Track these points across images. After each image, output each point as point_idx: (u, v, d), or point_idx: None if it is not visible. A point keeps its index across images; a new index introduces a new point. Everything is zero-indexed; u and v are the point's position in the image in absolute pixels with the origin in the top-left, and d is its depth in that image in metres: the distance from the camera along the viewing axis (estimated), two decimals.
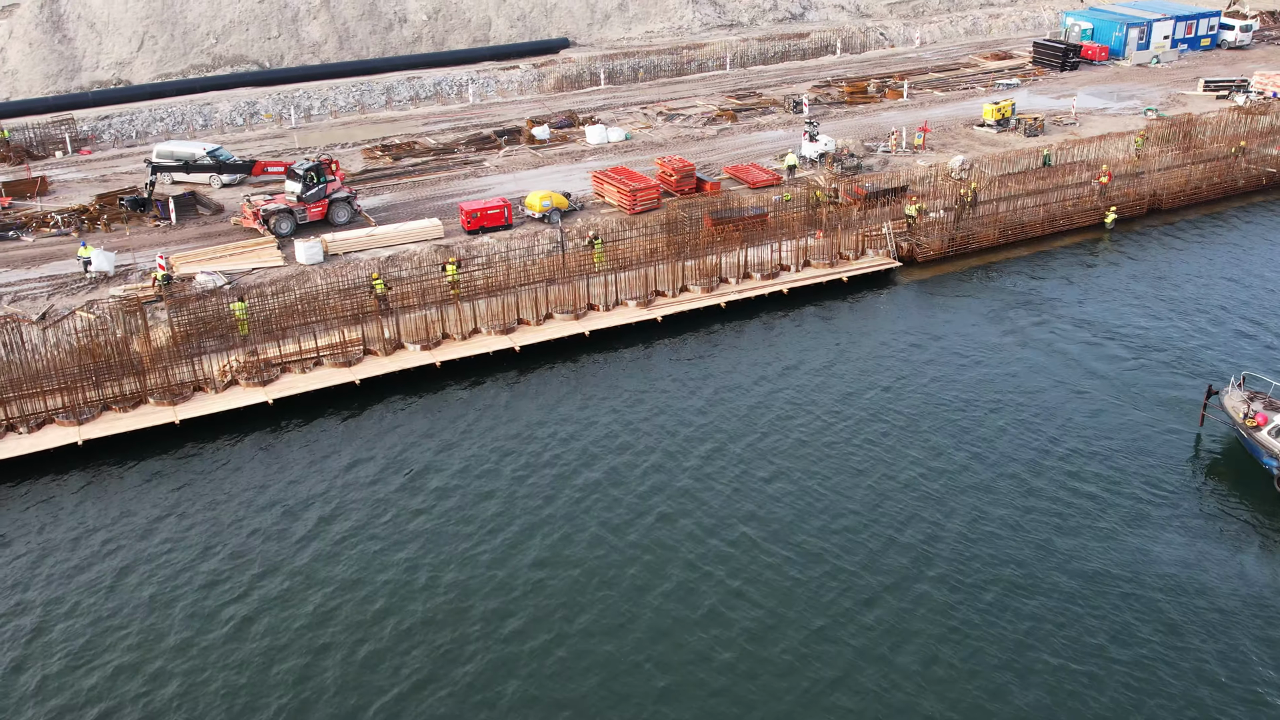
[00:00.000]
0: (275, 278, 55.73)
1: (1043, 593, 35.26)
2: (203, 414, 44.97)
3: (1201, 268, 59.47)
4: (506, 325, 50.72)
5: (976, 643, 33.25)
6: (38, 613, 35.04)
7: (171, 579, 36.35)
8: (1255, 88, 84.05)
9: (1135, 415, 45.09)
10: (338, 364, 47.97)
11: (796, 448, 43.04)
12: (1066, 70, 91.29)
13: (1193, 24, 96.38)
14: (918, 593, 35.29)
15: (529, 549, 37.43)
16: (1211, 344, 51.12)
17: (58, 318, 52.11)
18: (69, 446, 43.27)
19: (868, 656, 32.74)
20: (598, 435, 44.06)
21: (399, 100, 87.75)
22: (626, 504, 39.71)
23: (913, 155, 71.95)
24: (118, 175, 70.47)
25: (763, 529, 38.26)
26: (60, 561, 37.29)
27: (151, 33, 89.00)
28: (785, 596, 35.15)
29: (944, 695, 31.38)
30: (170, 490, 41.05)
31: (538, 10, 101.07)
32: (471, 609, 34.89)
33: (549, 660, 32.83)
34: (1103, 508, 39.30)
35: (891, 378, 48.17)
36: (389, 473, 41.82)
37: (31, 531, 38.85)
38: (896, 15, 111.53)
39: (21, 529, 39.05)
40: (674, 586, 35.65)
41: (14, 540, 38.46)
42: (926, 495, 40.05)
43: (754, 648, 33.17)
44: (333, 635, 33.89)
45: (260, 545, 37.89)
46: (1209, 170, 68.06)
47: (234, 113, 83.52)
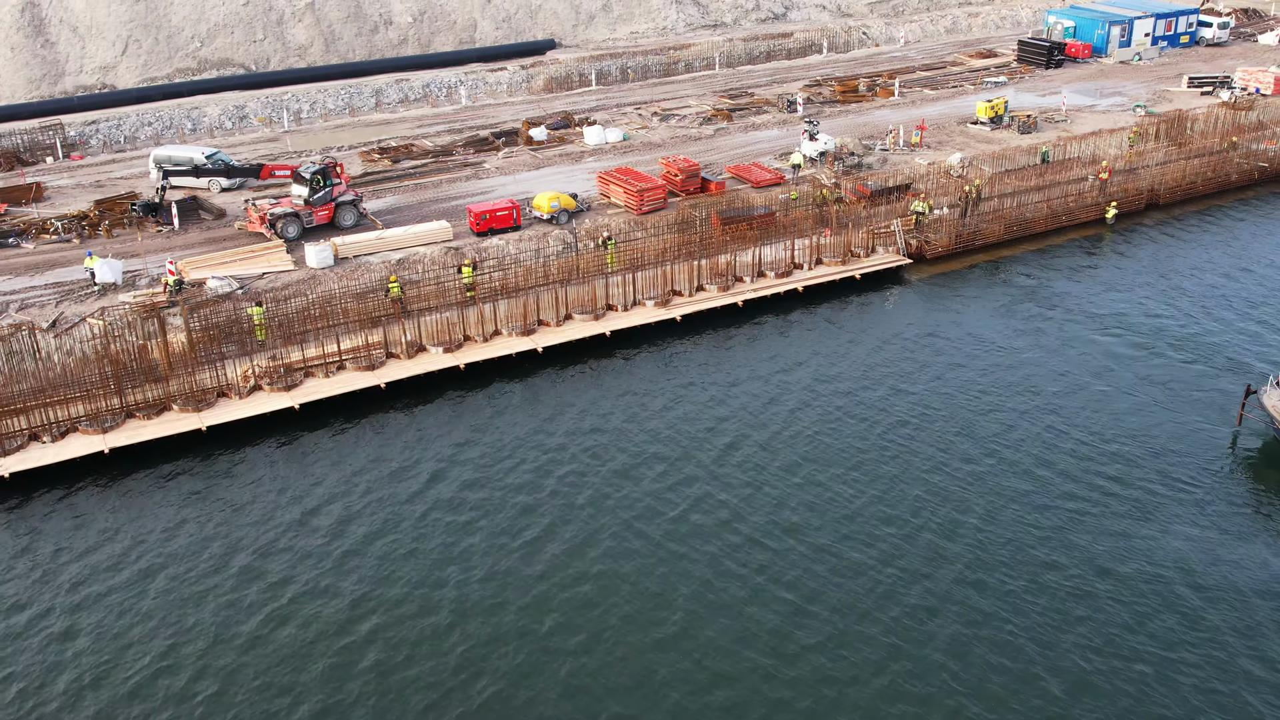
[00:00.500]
0: (287, 282, 55.20)
1: (1090, 594, 35.53)
2: (229, 420, 44.41)
3: (1206, 261, 60.27)
4: (527, 326, 50.53)
5: (1012, 637, 33.48)
6: (74, 621, 34.51)
7: (206, 586, 35.96)
8: (1238, 84, 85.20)
9: (1165, 412, 45.33)
10: (361, 367, 47.60)
11: (824, 446, 43.19)
12: (1052, 68, 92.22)
13: (1172, 21, 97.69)
14: (957, 588, 35.48)
15: (563, 549, 37.35)
16: (1225, 336, 51.79)
17: (68, 325, 51.35)
18: (95, 455, 42.57)
19: (904, 651, 32.90)
20: (626, 436, 44.03)
21: (388, 103, 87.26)
22: (661, 504, 39.71)
23: (911, 153, 72.38)
24: (113, 181, 69.59)
25: (797, 527, 38.37)
26: (93, 570, 36.80)
27: (135, 36, 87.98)
28: (821, 592, 35.24)
29: (984, 690, 31.60)
30: (201, 497, 40.59)
31: (523, 12, 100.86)
32: (509, 607, 34.74)
33: (591, 658, 32.73)
34: (1144, 506, 39.59)
35: (913, 375, 48.44)
36: (421, 476, 41.55)
37: (62, 541, 38.27)
38: (877, 14, 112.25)
39: (52, 539, 38.46)
40: (710, 585, 35.67)
41: (46, 550, 37.87)
42: (963, 491, 40.34)
43: (791, 643, 33.22)
44: (371, 638, 33.64)
45: (294, 551, 37.56)
46: (1203, 166, 68.91)
47: (223, 116, 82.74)
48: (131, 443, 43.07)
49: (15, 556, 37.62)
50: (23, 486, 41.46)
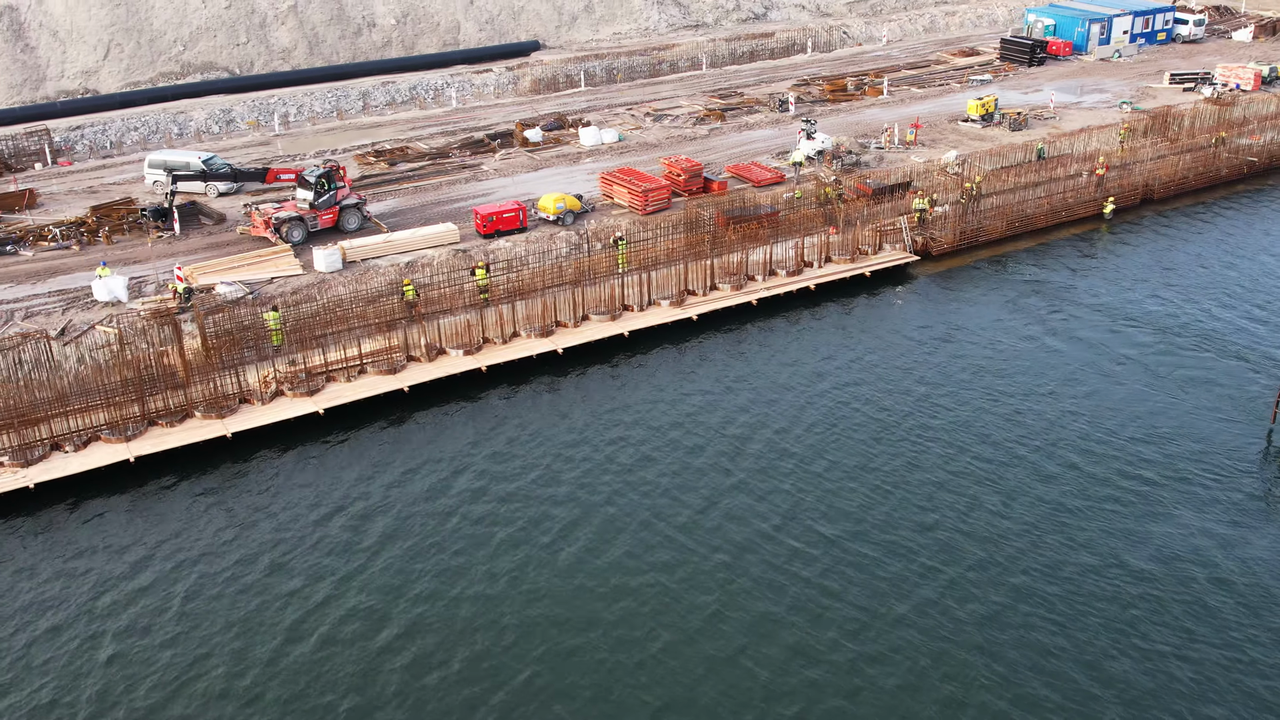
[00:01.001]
0: (296, 286, 54.75)
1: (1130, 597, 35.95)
2: (254, 426, 43.95)
3: (1205, 255, 61.18)
4: (546, 328, 50.39)
5: (1058, 633, 33.84)
6: (107, 630, 34.07)
7: (242, 593, 35.58)
8: (1219, 80, 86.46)
9: (1190, 409, 45.74)
10: (382, 371, 47.27)
11: (852, 443, 43.39)
12: (1034, 65, 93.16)
13: (1149, 19, 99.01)
14: (999, 582, 35.79)
15: (599, 551, 37.28)
16: (1233, 330, 52.57)
17: (77, 333, 50.64)
18: (120, 464, 42.00)
19: (957, 646, 33.15)
20: (653, 438, 44.02)
21: (375, 105, 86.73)
22: (692, 504, 39.76)
23: (906, 151, 72.86)
24: (105, 186, 68.75)
25: (833, 525, 38.54)
26: (126, 580, 36.33)
27: (117, 40, 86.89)
28: (865, 589, 35.44)
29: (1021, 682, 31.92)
30: (230, 505, 40.14)
31: (506, 13, 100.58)
32: (548, 612, 34.64)
33: (627, 655, 32.71)
34: (1178, 503, 40.02)
35: (934, 374, 48.77)
36: (451, 480, 41.34)
37: (92, 551, 37.72)
38: (856, 14, 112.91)
39: (83, 549, 37.90)
40: (753, 583, 35.76)
41: (77, 561, 37.31)
42: (996, 490, 40.67)
43: (843, 638, 33.39)
44: (410, 642, 33.46)
45: (330, 557, 37.25)
46: (1195, 161, 69.87)
47: (209, 120, 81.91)
48: (157, 450, 42.49)
49: (45, 568, 36.98)
50: (48, 497, 40.76)
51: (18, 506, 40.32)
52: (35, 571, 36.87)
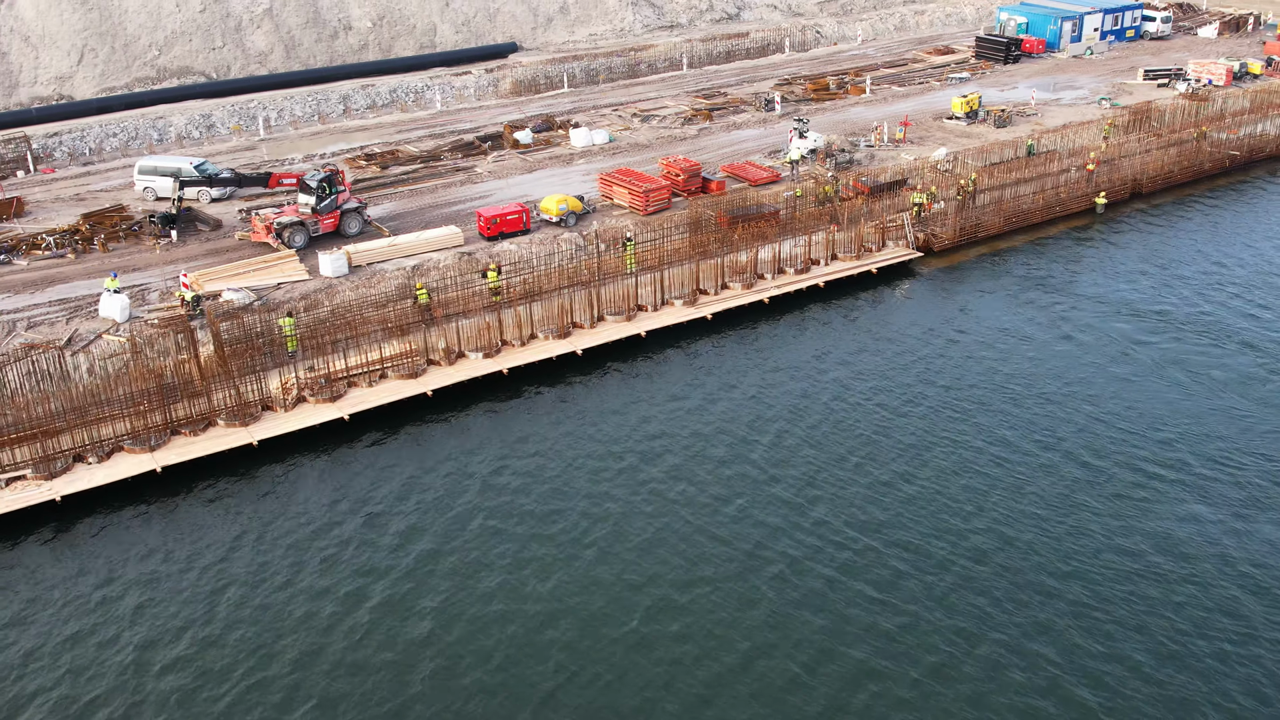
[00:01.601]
0: (304, 292, 54.18)
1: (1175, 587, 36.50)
2: (279, 433, 43.42)
3: (1196, 246, 62.36)
4: (563, 329, 50.24)
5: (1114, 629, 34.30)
6: (145, 642, 33.55)
7: (280, 602, 35.21)
8: (1191, 76, 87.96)
9: (1206, 398, 46.70)
10: (403, 375, 46.89)
11: (876, 443, 43.67)
12: (1010, 63, 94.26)
13: (1119, 16, 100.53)
14: (1048, 583, 36.23)
15: (636, 554, 37.28)
16: (1233, 319, 53.54)
17: (85, 342, 49.77)
18: (147, 474, 41.33)
19: (1012, 644, 33.51)
20: (679, 436, 44.07)
21: (357, 109, 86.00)
22: (725, 505, 39.84)
23: (896, 149, 73.43)
24: (92, 194, 67.58)
25: (868, 524, 38.76)
26: (162, 591, 35.79)
27: (91, 45, 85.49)
28: (906, 588, 35.69)
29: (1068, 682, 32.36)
30: (261, 514, 39.64)
31: (481, 15, 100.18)
32: (603, 612, 34.60)
33: (667, 651, 32.78)
34: (1221, 498, 40.70)
35: (948, 368, 49.25)
36: (481, 484, 41.15)
37: (125, 563, 37.13)
38: (827, 13, 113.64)
39: (114, 561, 37.29)
40: (804, 594, 35.94)
41: (107, 573, 36.70)
42: (1027, 483, 41.15)
43: (888, 642, 33.64)
44: (451, 648, 33.28)
45: (366, 564, 36.99)
46: (1179, 155, 71.04)
47: (189, 125, 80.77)
48: (183, 460, 41.85)
49: (78, 582, 36.31)
50: (75, 509, 40.02)
51: (43, 519, 39.47)
52: (74, 585, 36.14)
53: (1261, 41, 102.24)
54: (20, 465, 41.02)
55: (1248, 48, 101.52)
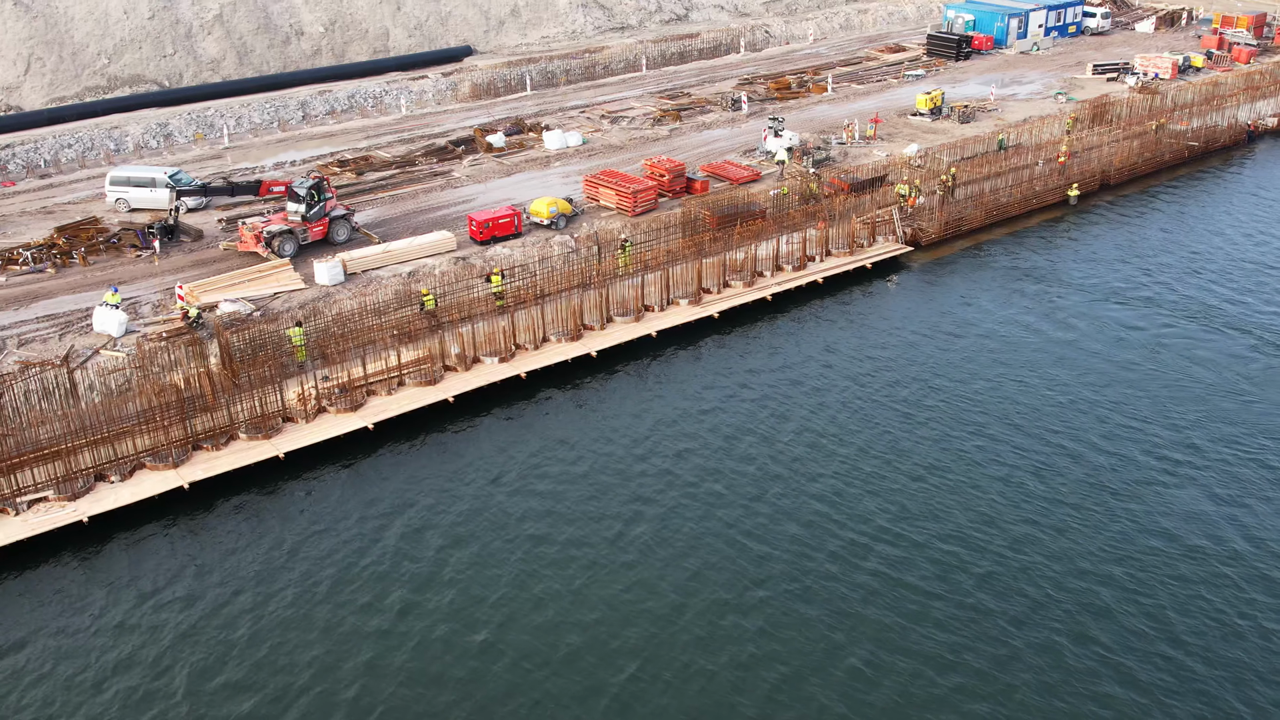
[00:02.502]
0: (302, 301, 53.31)
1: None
2: (305, 445, 42.67)
3: (1168, 233, 64.32)
4: (575, 331, 50.08)
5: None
6: (188, 665, 32.84)
7: (326, 615, 34.67)
8: (1139, 69, 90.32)
9: (1232, 387, 47.97)
10: (421, 382, 46.36)
11: (906, 437, 44.21)
12: (961, 60, 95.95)
13: (1061, 13, 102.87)
14: (1091, 575, 37.02)
15: (680, 555, 37.39)
16: (1215, 302, 55.15)
17: (83, 358, 48.42)
18: (174, 491, 40.36)
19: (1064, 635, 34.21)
20: (703, 435, 44.20)
21: (315, 115, 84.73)
22: (762, 505, 40.10)
23: (868, 146, 74.32)
24: (60, 207, 65.73)
25: (908, 520, 39.26)
26: (201, 611, 35.00)
27: (37, 54, 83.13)
28: (954, 580, 36.25)
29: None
30: (298, 525, 38.95)
31: (433, 19, 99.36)
32: (663, 616, 34.65)
33: (707, 659, 32.95)
34: (1245, 479, 41.87)
35: (958, 361, 49.98)
36: (514, 489, 40.90)
37: (168, 583, 36.24)
38: (773, 13, 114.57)
39: (153, 582, 36.35)
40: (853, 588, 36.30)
41: (152, 593, 35.77)
42: (1050, 474, 41.96)
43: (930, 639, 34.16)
44: (499, 656, 33.09)
45: (416, 570, 36.55)
46: (1142, 147, 72.93)
47: (146, 135, 78.86)
48: (209, 475, 40.91)
49: (117, 605, 35.33)
50: (102, 529, 38.93)
51: (70, 541, 38.33)
52: (113, 608, 35.15)
53: (1197, 36, 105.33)
54: (40, 486, 39.70)
55: (1184, 41, 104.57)
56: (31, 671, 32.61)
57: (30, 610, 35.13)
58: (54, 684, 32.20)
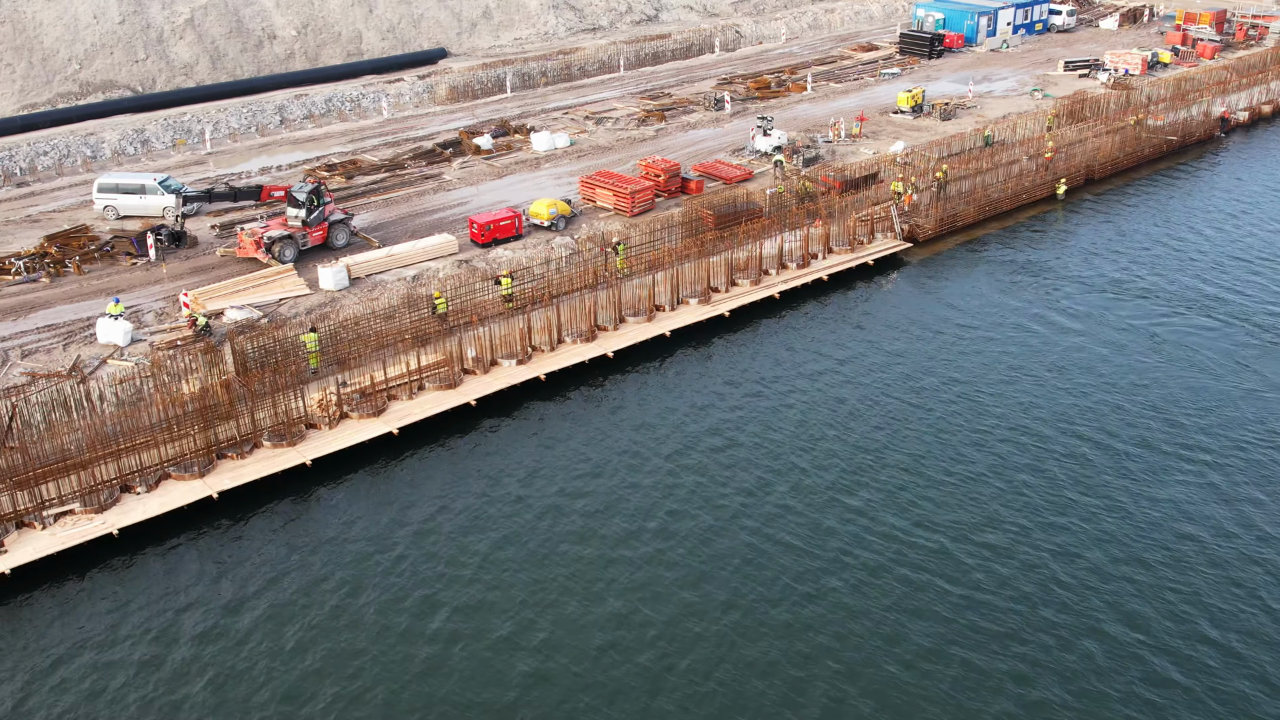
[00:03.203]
0: (308, 306, 52.75)
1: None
2: (331, 451, 42.19)
3: (1156, 225, 65.36)
4: (590, 332, 49.97)
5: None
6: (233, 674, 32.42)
7: (369, 622, 34.37)
8: (1110, 66, 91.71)
9: (1243, 379, 48.80)
10: (442, 386, 46.01)
11: (934, 439, 44.47)
12: (934, 58, 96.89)
13: (1028, 10, 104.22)
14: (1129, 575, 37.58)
15: (722, 564, 37.45)
16: (1212, 291, 56.15)
17: (90, 369, 47.56)
18: (202, 501, 39.77)
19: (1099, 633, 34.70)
20: (732, 435, 44.33)
21: (293, 119, 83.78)
22: (800, 511, 40.22)
23: (854, 144, 74.83)
24: (46, 215, 64.43)
25: (949, 526, 39.58)
26: (244, 625, 34.54)
27: (7, 60, 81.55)
28: (992, 583, 36.64)
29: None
30: (332, 534, 38.52)
31: (406, 21, 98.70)
32: (734, 626, 34.68)
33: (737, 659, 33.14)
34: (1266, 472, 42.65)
35: (974, 355, 50.38)
36: (561, 495, 40.75)
37: (211, 594, 35.70)
38: (742, 13, 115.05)
39: (197, 594, 35.81)
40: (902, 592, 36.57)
41: (195, 603, 35.24)
42: (1081, 473, 42.50)
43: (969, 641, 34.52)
44: (543, 663, 33.01)
45: (466, 577, 36.32)
46: (1123, 142, 74.07)
47: (123, 141, 77.56)
48: (237, 485, 40.33)
49: (157, 618, 34.75)
50: (131, 542, 38.24)
51: (99, 554, 37.60)
52: (153, 622, 34.57)
53: (1160, 32, 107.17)
54: (66, 499, 38.93)
55: (1148, 38, 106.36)
56: (70, 689, 31.95)
57: (62, 625, 34.40)
58: (101, 699, 31.54)
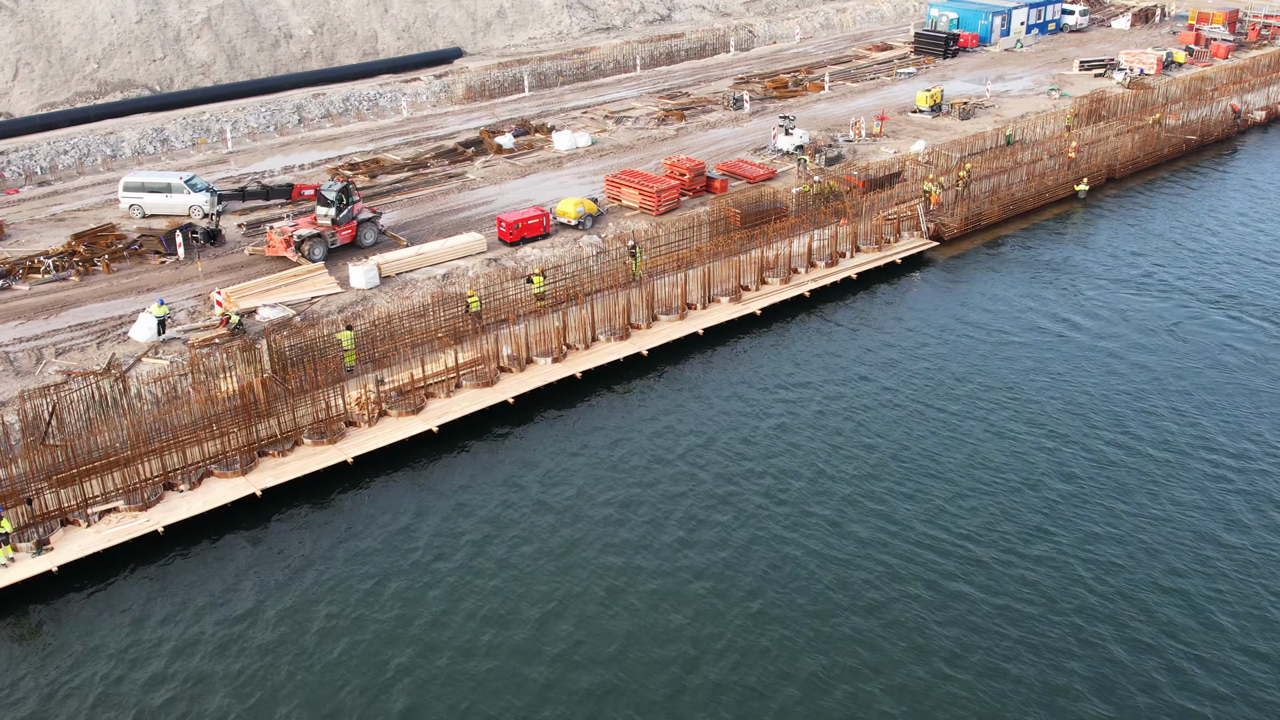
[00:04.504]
0: (341, 305, 52.81)
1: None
2: (372, 449, 42.24)
3: (1182, 223, 65.48)
4: (625, 330, 50.02)
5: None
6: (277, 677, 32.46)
7: (413, 621, 34.40)
8: (1125, 65, 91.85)
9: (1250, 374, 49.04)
10: (479, 384, 46.06)
11: (989, 443, 44.48)
12: (948, 58, 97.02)
13: (1041, 10, 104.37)
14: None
15: (774, 575, 37.51)
16: (1246, 289, 56.26)
17: (126, 367, 47.59)
18: (246, 498, 39.80)
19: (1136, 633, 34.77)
20: (770, 437, 44.35)
21: (311, 118, 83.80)
22: (845, 521, 40.21)
23: (874, 143, 74.93)
24: (72, 214, 64.45)
25: (1004, 540, 39.62)
26: (295, 622, 34.54)
27: (25, 59, 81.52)
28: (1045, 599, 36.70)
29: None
30: (379, 532, 38.56)
31: (421, 21, 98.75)
32: (724, 613, 34.74)
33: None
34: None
35: (1023, 358, 50.16)
36: (600, 490, 40.82)
37: (269, 593, 35.72)
38: (754, 12, 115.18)
39: (252, 591, 35.83)
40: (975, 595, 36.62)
41: (254, 603, 35.25)
42: (1125, 476, 42.52)
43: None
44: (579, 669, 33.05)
45: (525, 576, 36.37)
46: (1143, 141, 74.19)
47: (143, 140, 77.57)
48: (280, 482, 40.36)
49: (214, 616, 34.79)
50: (176, 539, 38.28)
51: (144, 552, 37.61)
52: (210, 620, 34.60)
53: (1172, 32, 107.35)
54: (110, 496, 38.96)
55: (1161, 38, 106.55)
56: (123, 682, 31.99)
57: (111, 623, 34.41)
58: (156, 699, 31.59)
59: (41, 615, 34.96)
